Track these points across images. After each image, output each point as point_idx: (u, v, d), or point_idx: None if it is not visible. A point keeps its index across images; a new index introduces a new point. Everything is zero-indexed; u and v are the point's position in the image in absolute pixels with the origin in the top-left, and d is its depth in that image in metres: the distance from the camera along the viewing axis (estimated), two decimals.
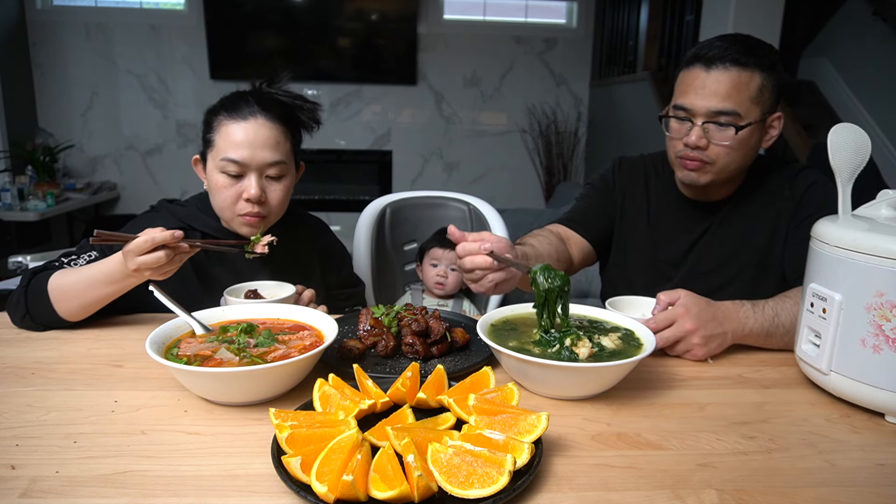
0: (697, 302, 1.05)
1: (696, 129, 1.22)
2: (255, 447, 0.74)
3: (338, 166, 5.74)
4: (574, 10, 5.71)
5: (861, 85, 4.41)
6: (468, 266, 1.01)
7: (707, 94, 1.20)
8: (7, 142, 4.67)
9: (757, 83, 1.20)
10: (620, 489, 0.67)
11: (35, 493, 0.65)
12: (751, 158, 1.28)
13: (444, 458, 0.65)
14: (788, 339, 1.08)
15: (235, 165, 1.19)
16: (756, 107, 1.21)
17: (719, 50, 1.19)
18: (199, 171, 1.30)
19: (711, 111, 1.20)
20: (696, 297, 1.06)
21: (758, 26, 3.46)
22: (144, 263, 1.00)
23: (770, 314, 1.09)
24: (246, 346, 0.92)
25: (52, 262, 1.20)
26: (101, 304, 1.13)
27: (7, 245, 4.35)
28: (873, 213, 0.94)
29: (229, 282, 1.23)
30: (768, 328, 1.09)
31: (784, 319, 1.09)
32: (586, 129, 5.86)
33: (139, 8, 5.30)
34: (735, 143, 1.21)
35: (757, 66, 1.19)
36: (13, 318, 1.15)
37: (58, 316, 1.12)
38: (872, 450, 0.78)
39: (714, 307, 1.07)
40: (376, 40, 5.53)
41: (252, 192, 1.19)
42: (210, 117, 1.25)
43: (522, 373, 0.90)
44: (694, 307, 1.04)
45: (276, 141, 1.22)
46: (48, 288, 1.10)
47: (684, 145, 1.24)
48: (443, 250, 1.94)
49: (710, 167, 1.25)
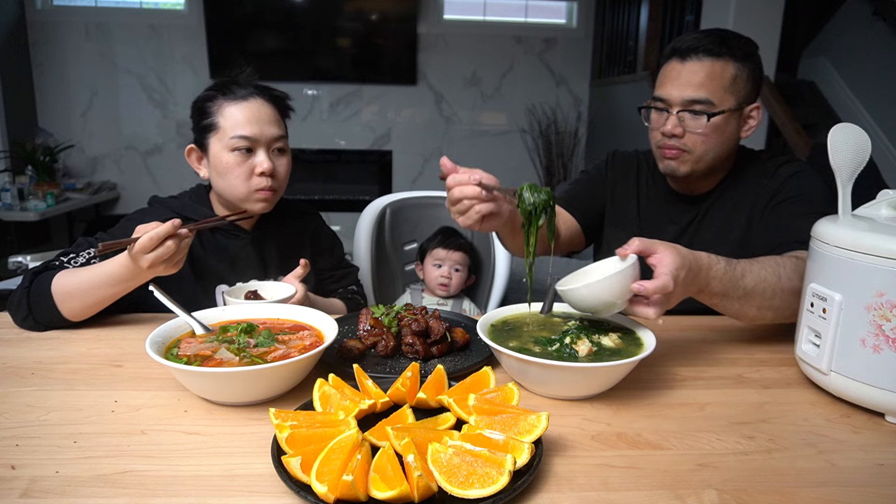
0: (684, 262, 0.93)
1: (672, 117, 1.27)
2: (255, 447, 0.74)
3: (338, 166, 5.73)
4: (574, 10, 5.71)
5: (861, 85, 4.41)
6: (457, 195, 0.98)
7: (681, 84, 1.25)
8: (7, 142, 4.67)
9: (730, 73, 1.24)
10: (620, 489, 0.67)
11: (35, 493, 0.65)
12: (729, 148, 1.30)
13: (444, 458, 0.65)
14: (742, 304, 1.03)
15: (246, 141, 1.24)
16: (730, 96, 1.25)
17: (693, 41, 1.25)
18: (194, 162, 1.32)
19: (686, 100, 1.25)
20: (679, 252, 0.94)
21: (758, 26, 3.46)
22: (157, 257, 1.02)
23: (737, 275, 1.02)
24: (246, 346, 0.92)
25: (52, 263, 1.20)
26: (106, 304, 1.13)
27: (7, 245, 4.35)
28: (873, 213, 0.94)
29: (223, 271, 1.26)
30: (728, 290, 1.01)
31: (748, 282, 1.02)
32: (586, 129, 5.86)
33: (139, 8, 5.30)
34: (709, 131, 1.25)
35: (730, 55, 1.24)
36: (15, 318, 1.15)
37: (61, 316, 1.12)
38: (872, 450, 0.78)
39: (695, 264, 0.96)
40: (376, 40, 5.52)
41: (266, 165, 1.25)
42: (205, 104, 1.27)
43: (522, 373, 0.90)
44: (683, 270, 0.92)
45: (276, 118, 1.29)
46: (52, 289, 1.10)
47: (662, 135, 1.29)
48: (446, 251, 1.94)
49: (687, 156, 1.28)
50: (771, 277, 1.05)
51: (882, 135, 4.16)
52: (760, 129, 3.76)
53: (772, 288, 1.05)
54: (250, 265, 1.34)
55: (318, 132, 5.60)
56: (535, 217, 0.98)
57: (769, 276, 1.05)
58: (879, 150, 4.11)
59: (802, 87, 4.72)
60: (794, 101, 4.32)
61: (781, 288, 1.05)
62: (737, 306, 1.04)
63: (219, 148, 1.25)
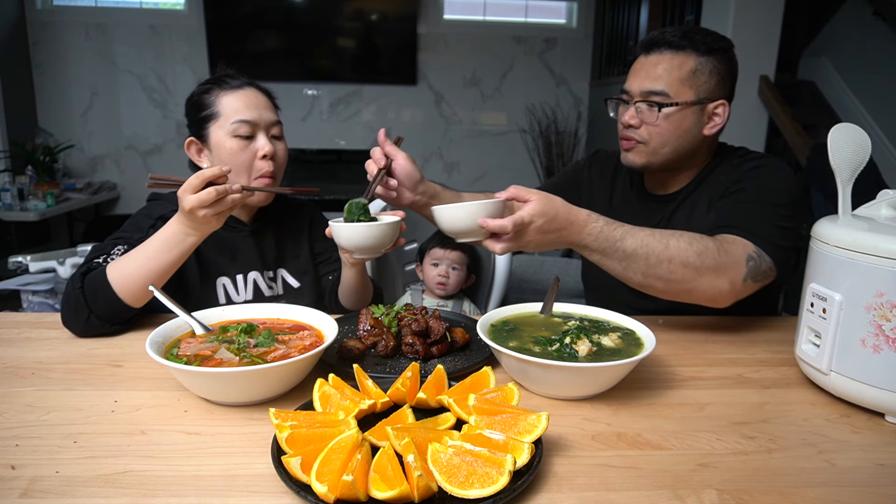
0: (546, 211, 0.99)
1: (630, 108, 1.28)
2: (255, 447, 0.74)
3: (338, 166, 5.73)
4: (574, 10, 5.71)
5: (861, 85, 4.41)
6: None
7: (641, 76, 1.27)
8: (7, 142, 4.67)
9: (690, 66, 1.24)
10: (620, 489, 0.67)
11: (35, 493, 0.65)
12: (689, 143, 1.28)
13: (444, 458, 0.65)
14: (626, 267, 1.06)
15: (248, 125, 1.27)
16: (688, 89, 1.24)
17: (658, 35, 1.26)
18: (194, 154, 1.32)
19: (643, 91, 1.26)
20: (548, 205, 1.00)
21: (758, 26, 3.46)
22: (199, 202, 1.01)
23: (616, 236, 1.05)
24: (246, 346, 0.92)
25: (88, 264, 1.16)
26: (166, 276, 1.10)
27: (7, 245, 4.35)
28: (873, 213, 0.94)
29: (224, 263, 1.30)
30: (605, 248, 1.05)
31: (628, 245, 1.04)
32: (586, 129, 5.86)
33: (139, 8, 5.30)
34: (662, 122, 1.25)
35: (692, 49, 1.24)
36: (75, 326, 1.12)
37: (124, 304, 1.09)
38: (872, 450, 0.78)
39: (563, 218, 1.01)
40: (376, 40, 5.52)
41: (267, 148, 1.28)
42: (201, 98, 1.30)
43: (522, 373, 0.90)
44: (540, 218, 0.99)
45: (270, 105, 1.34)
46: (108, 278, 1.09)
47: (622, 125, 1.31)
48: (444, 251, 1.94)
49: (643, 147, 1.29)
50: (656, 245, 1.05)
51: (882, 135, 4.16)
52: (760, 130, 3.76)
53: (656, 255, 1.05)
54: (250, 257, 1.35)
55: (318, 132, 5.59)
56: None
57: (654, 242, 1.05)
58: (879, 150, 4.11)
59: (802, 87, 4.72)
60: (794, 101, 4.32)
61: (669, 257, 1.04)
62: (619, 268, 1.07)
63: (221, 135, 1.27)
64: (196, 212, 1.02)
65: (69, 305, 1.11)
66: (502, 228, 0.97)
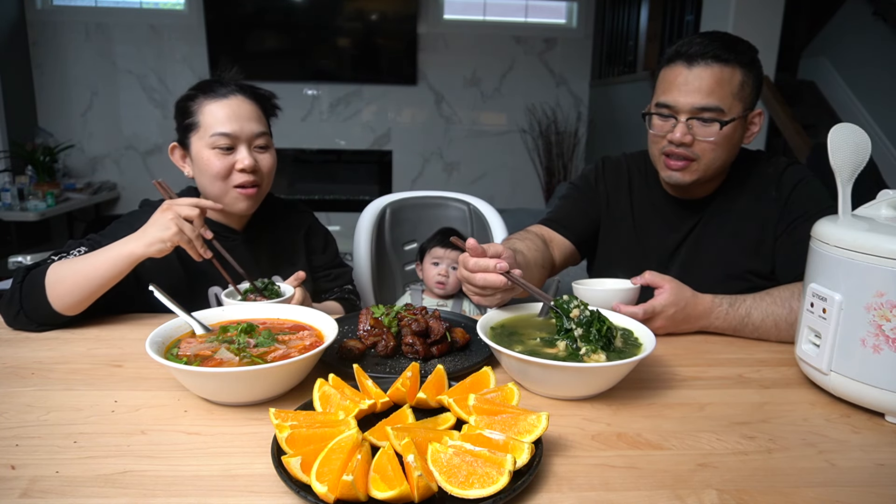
0: (678, 301, 1.12)
1: (681, 125, 1.23)
2: (255, 447, 0.74)
3: (338, 166, 5.74)
4: (574, 10, 5.71)
5: (861, 85, 4.42)
6: (480, 283, 0.97)
7: (690, 91, 1.21)
8: (7, 142, 4.67)
9: (738, 79, 1.21)
10: (620, 489, 0.67)
11: (35, 493, 0.65)
12: (734, 155, 1.29)
13: (444, 458, 0.65)
14: (758, 335, 1.16)
15: (226, 138, 1.25)
16: (738, 102, 1.22)
17: (700, 46, 1.21)
18: (177, 160, 1.32)
19: (695, 107, 1.21)
20: (679, 295, 1.12)
21: (758, 26, 3.46)
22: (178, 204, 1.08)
23: (742, 314, 1.15)
24: (246, 346, 0.92)
25: (44, 261, 1.17)
26: (99, 291, 1.10)
27: (7, 245, 4.35)
28: (873, 213, 0.94)
29: (216, 272, 1.26)
30: (736, 326, 1.16)
31: (755, 318, 1.15)
32: (586, 129, 5.87)
33: (139, 8, 5.30)
34: (720, 139, 1.23)
35: (738, 62, 1.21)
36: (6, 317, 1.13)
37: (51, 309, 1.09)
38: (872, 450, 0.78)
39: (691, 308, 1.13)
40: (376, 40, 5.53)
41: (246, 162, 1.25)
42: (186, 104, 1.29)
43: (522, 373, 0.90)
44: (672, 308, 1.11)
45: (257, 115, 1.30)
46: (45, 280, 1.09)
47: (669, 142, 1.25)
48: (444, 250, 1.94)
49: (695, 165, 1.25)
50: (780, 311, 1.14)
51: (882, 135, 4.16)
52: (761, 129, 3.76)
53: (784, 319, 1.14)
54: (243, 266, 1.33)
55: (318, 132, 5.60)
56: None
57: (778, 310, 1.14)
58: (879, 150, 4.11)
59: (802, 87, 4.73)
60: (794, 101, 4.33)
61: (795, 320, 1.09)
62: (753, 336, 1.17)
63: (200, 146, 1.26)
64: (173, 208, 1.08)
65: (5, 297, 1.12)
66: (634, 315, 1.07)
